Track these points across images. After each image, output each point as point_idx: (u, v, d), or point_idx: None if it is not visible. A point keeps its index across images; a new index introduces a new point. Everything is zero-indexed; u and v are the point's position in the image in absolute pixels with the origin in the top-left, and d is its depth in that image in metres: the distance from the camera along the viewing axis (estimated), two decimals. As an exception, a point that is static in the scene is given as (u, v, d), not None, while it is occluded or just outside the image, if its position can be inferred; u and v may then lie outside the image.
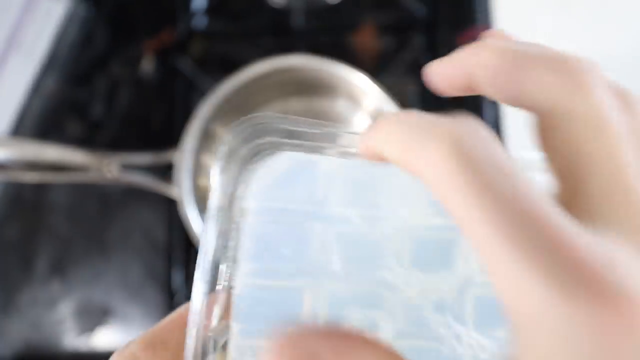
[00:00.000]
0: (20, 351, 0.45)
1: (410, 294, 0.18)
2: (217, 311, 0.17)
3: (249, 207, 0.18)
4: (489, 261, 0.11)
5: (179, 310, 0.18)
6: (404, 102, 0.44)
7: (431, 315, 0.18)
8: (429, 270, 0.18)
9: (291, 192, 0.18)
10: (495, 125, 0.45)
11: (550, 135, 0.13)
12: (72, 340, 0.45)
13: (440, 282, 0.18)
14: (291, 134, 0.17)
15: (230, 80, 0.42)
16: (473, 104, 0.45)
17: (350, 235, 0.18)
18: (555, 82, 0.13)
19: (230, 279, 0.17)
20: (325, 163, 0.18)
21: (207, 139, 0.43)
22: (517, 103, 0.14)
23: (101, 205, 0.47)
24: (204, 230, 0.17)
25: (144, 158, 0.40)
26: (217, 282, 0.17)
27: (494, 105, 0.45)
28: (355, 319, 0.18)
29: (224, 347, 0.17)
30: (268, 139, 0.17)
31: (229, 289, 0.17)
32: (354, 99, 0.44)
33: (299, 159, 0.18)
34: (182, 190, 0.40)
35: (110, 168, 0.39)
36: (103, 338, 0.45)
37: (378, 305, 0.18)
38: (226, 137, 0.17)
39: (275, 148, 0.17)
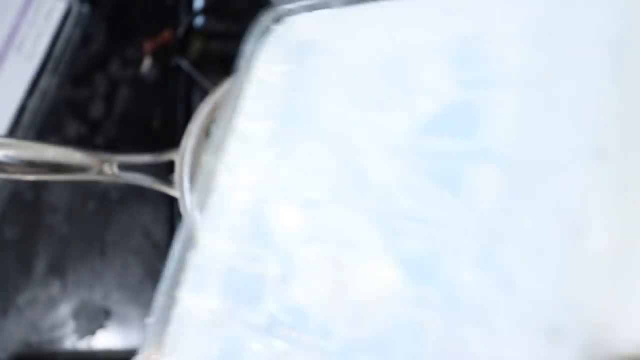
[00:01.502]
0: (19, 351, 0.45)
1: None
2: None
3: None
4: None
5: None
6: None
7: None
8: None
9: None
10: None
11: None
12: (71, 340, 0.45)
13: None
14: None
15: (230, 79, 0.42)
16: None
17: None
18: None
19: None
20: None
21: (207, 139, 0.43)
22: None
23: (101, 205, 0.47)
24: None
25: (144, 158, 0.40)
26: None
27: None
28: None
29: None
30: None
31: None
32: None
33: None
34: (182, 190, 0.40)
35: (110, 168, 0.39)
36: (102, 338, 0.45)
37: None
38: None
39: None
